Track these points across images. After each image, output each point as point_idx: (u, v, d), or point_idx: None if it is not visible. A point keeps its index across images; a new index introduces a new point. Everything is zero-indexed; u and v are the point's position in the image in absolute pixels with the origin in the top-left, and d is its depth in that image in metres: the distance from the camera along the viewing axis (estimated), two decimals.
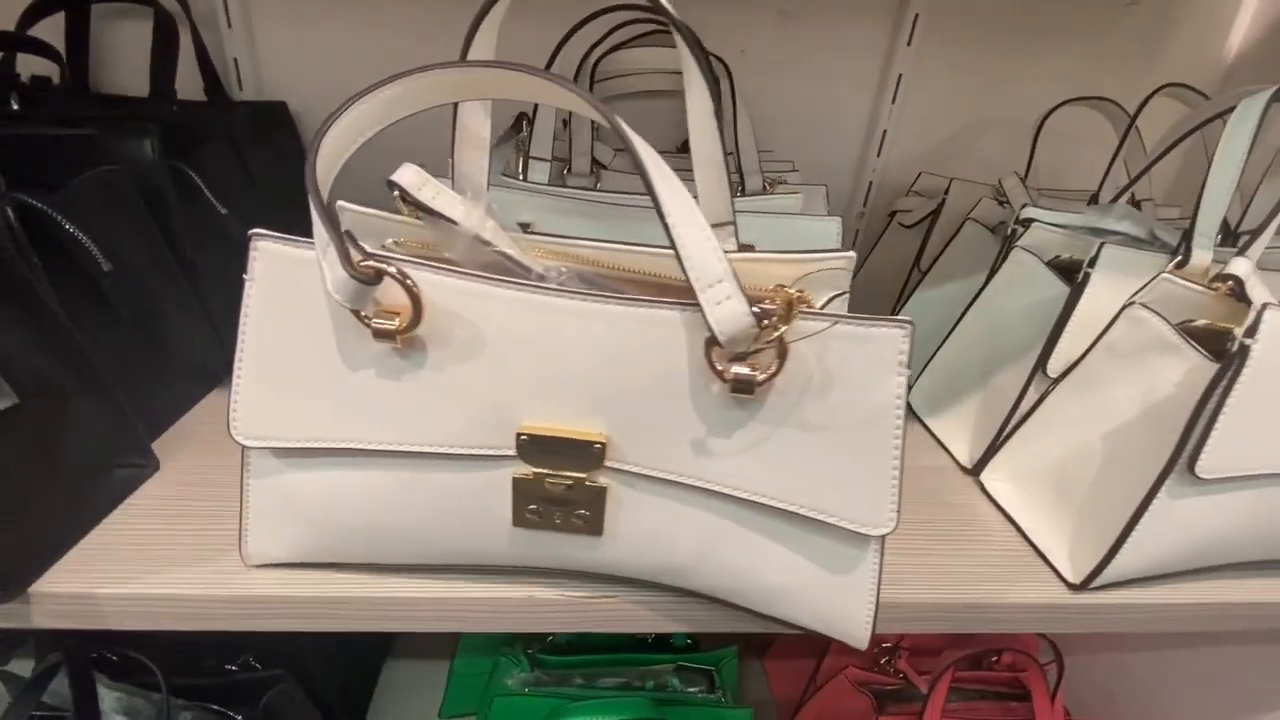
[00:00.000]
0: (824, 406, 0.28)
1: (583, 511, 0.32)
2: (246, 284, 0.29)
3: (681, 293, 0.32)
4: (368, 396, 0.30)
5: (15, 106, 0.57)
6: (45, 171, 0.43)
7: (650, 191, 0.26)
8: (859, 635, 0.35)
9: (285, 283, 0.29)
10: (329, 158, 0.28)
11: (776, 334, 0.26)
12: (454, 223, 0.33)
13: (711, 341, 0.27)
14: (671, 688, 0.73)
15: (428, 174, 0.33)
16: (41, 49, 0.58)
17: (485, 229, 0.33)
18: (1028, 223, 0.53)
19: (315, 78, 0.69)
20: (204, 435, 0.48)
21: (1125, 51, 0.75)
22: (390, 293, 0.28)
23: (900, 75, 0.72)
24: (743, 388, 0.27)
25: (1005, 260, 0.55)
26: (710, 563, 0.34)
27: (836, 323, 0.27)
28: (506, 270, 0.33)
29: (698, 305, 0.28)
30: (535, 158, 0.49)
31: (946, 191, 0.67)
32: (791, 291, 0.27)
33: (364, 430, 0.31)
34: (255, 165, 0.62)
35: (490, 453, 0.31)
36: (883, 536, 0.32)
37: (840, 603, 0.34)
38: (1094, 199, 0.59)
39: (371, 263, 0.27)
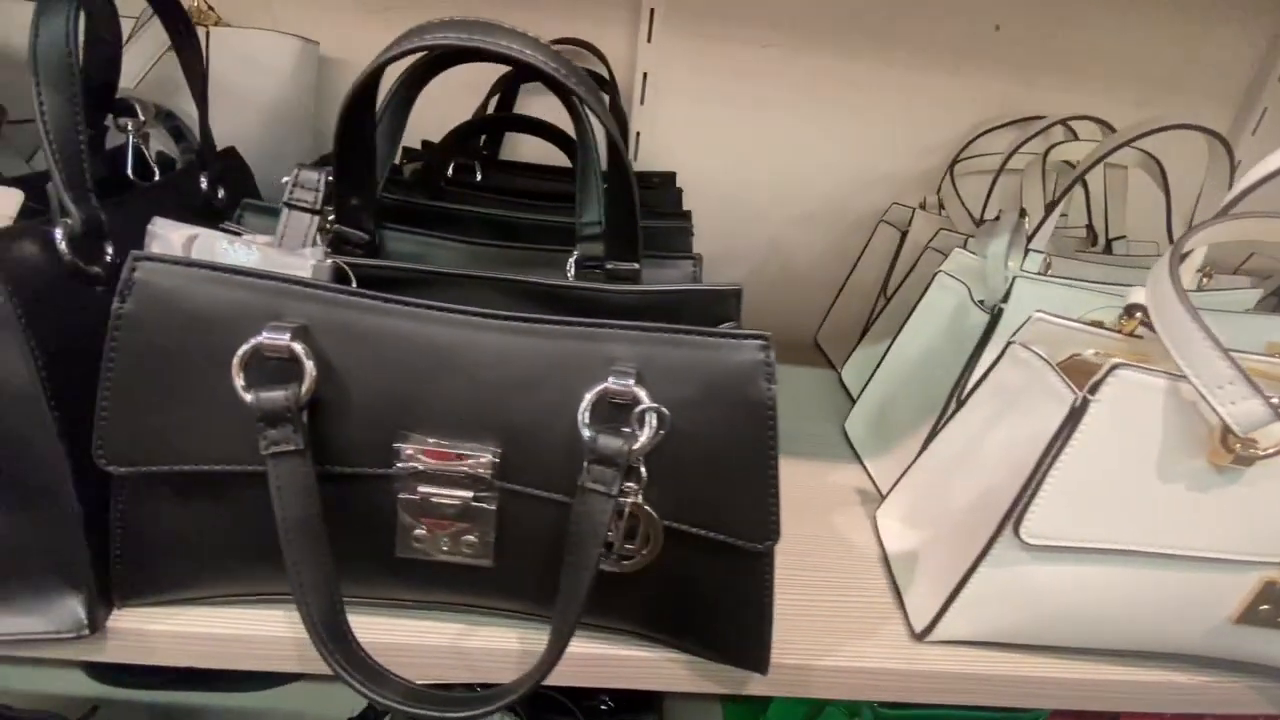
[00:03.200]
0: None
1: None
2: (1091, 408, 0.33)
3: None
4: (1168, 505, 0.33)
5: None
6: None
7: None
8: None
9: (1130, 406, 0.33)
10: None
11: None
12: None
13: None
14: None
15: None
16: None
17: None
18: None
19: (701, 150, 0.74)
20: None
21: None
22: None
23: None
24: None
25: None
26: None
27: None
28: None
29: None
30: (1034, 250, 0.53)
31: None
32: None
33: (1149, 534, 0.34)
34: None
35: (1258, 559, 0.35)
36: None
37: None
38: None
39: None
